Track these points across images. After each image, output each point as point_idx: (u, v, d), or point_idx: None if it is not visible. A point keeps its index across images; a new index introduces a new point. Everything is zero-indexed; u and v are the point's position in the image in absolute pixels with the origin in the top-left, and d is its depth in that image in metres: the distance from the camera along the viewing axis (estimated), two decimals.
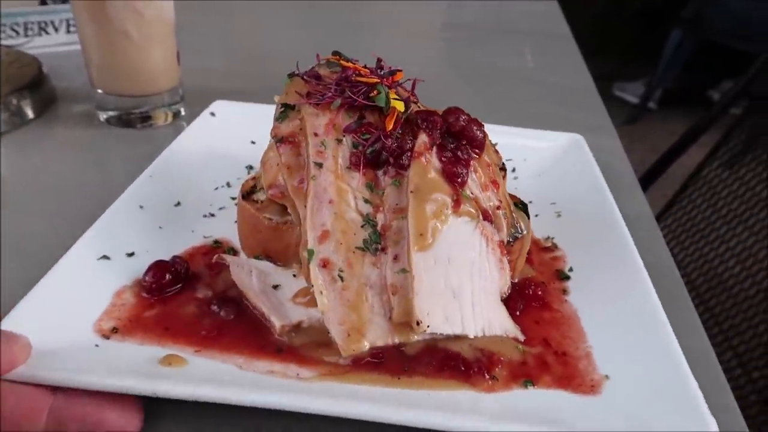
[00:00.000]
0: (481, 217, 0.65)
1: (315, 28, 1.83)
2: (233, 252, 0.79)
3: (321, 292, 0.61)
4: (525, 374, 0.63)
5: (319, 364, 0.62)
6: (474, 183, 0.66)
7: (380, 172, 0.64)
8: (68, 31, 1.43)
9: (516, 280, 0.75)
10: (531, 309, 0.72)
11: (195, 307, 0.69)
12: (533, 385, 0.61)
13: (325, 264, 0.62)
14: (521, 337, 0.67)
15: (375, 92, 0.63)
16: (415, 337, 0.63)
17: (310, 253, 0.62)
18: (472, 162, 0.65)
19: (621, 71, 4.93)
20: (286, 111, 0.70)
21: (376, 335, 0.62)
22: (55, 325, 0.61)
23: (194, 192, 0.88)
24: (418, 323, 0.61)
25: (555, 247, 0.84)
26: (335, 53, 0.72)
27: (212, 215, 0.85)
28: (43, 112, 1.14)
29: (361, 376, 0.60)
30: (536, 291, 0.74)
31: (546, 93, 1.46)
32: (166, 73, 1.08)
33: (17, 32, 1.40)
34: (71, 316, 0.64)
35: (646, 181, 2.08)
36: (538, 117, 1.32)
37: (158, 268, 0.71)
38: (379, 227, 0.63)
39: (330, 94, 0.66)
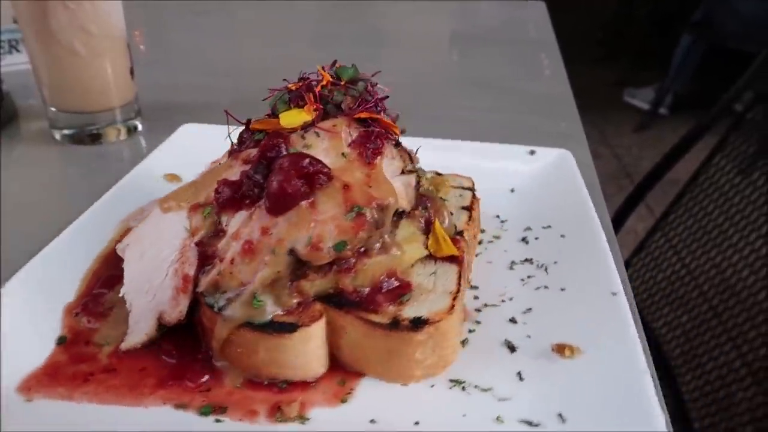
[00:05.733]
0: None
1: (285, 44, 1.81)
2: None
3: None
4: None
5: None
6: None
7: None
8: None
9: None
10: None
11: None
12: None
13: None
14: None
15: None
16: None
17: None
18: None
19: (631, 77, 4.84)
20: None
21: None
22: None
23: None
24: None
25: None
26: (333, 64, 0.76)
27: None
28: (0, 131, 1.13)
29: None
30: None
31: (518, 102, 1.43)
32: (119, 88, 1.06)
33: None
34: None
35: (647, 183, 1.99)
36: (508, 126, 1.27)
37: None
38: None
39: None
